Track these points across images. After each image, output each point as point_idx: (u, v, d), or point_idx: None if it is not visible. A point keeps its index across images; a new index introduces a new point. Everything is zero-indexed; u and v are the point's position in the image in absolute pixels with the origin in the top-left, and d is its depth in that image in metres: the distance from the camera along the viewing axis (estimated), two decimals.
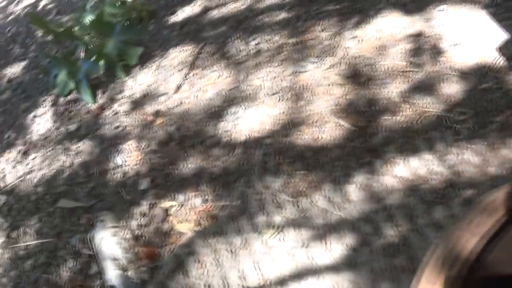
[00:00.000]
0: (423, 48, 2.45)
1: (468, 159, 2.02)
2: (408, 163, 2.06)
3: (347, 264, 1.81)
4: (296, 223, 1.98)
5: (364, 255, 1.81)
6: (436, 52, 2.43)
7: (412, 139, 2.14)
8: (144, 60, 3.09)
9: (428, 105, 2.24)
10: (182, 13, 3.34)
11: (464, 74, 2.31)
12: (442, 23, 2.54)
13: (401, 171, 2.04)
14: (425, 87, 2.31)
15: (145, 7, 3.42)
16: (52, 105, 3.24)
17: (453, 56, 2.39)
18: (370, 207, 1.96)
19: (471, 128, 2.12)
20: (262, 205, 2.09)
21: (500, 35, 2.39)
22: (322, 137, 2.25)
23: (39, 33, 4.16)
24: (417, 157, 2.07)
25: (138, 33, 3.16)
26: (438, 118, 2.19)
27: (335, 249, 1.86)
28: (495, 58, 2.31)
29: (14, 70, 3.90)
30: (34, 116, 3.24)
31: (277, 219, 2.02)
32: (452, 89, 2.27)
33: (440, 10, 2.60)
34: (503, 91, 2.18)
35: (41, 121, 3.18)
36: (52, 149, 2.92)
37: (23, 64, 3.91)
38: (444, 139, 2.11)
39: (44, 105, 3.30)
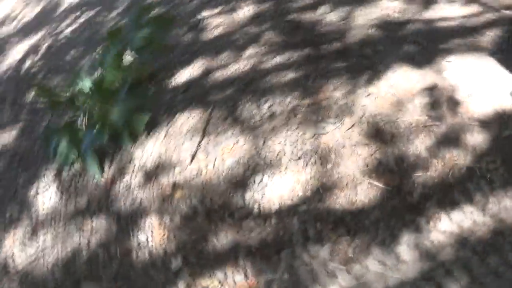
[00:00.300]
0: (439, 101, 2.50)
1: (509, 205, 2.04)
2: (451, 217, 2.06)
3: None
4: None
5: None
6: (453, 103, 2.47)
7: (449, 193, 2.15)
8: (150, 127, 3.00)
9: (457, 158, 2.26)
10: (183, 75, 3.28)
11: (485, 123, 2.36)
12: (453, 73, 2.60)
13: (446, 225, 2.04)
14: (450, 139, 2.34)
15: (142, 70, 3.35)
16: (55, 178, 3.09)
17: (470, 106, 2.44)
18: (425, 265, 1.94)
19: (504, 176, 2.15)
20: (313, 277, 2.03)
21: (511, 81, 2.46)
22: (358, 199, 2.23)
23: (30, 95, 3.98)
24: (459, 210, 2.08)
25: (142, 99, 3.07)
26: (469, 169, 2.21)
27: None
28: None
29: (7, 136, 3.68)
30: (37, 190, 3.08)
31: None
32: (476, 139, 2.31)
33: (448, 61, 2.67)
34: None
35: (45, 196, 3.02)
36: (64, 228, 2.78)
37: (16, 129, 3.70)
38: (480, 189, 2.13)
39: (46, 177, 3.13)
